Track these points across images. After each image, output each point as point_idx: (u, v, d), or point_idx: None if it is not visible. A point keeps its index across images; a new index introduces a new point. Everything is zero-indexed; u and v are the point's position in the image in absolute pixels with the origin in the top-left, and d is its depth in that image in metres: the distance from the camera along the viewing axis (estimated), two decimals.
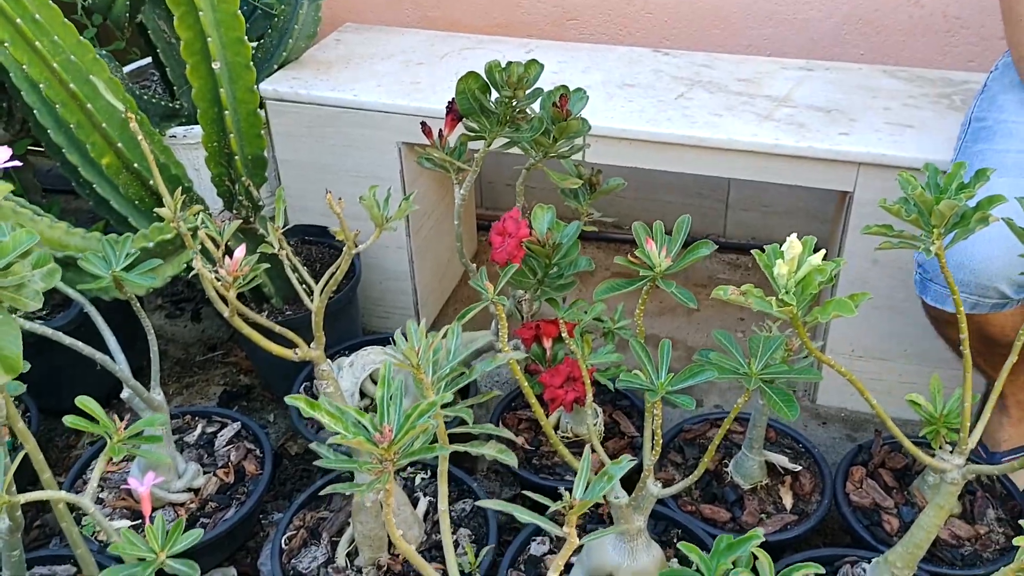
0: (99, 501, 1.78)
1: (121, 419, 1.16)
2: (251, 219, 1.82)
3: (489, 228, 1.49)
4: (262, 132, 1.72)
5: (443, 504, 1.13)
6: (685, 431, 1.83)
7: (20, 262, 0.84)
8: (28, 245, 0.82)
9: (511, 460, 1.01)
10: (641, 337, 1.31)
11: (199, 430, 1.90)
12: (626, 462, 0.89)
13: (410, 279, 2.27)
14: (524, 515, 0.89)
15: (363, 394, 1.96)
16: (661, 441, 1.32)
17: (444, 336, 1.10)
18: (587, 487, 0.85)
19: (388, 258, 2.25)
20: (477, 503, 1.51)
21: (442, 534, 1.11)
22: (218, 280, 1.28)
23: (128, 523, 1.72)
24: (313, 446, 1.41)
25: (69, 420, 1.08)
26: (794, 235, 1.11)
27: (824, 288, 1.14)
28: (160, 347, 2.30)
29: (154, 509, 1.77)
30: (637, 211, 2.56)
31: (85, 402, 1.08)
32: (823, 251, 1.14)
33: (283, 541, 1.65)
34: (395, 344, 1.13)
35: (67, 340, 1.43)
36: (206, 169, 1.78)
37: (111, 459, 1.10)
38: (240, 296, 2.17)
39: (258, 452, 1.85)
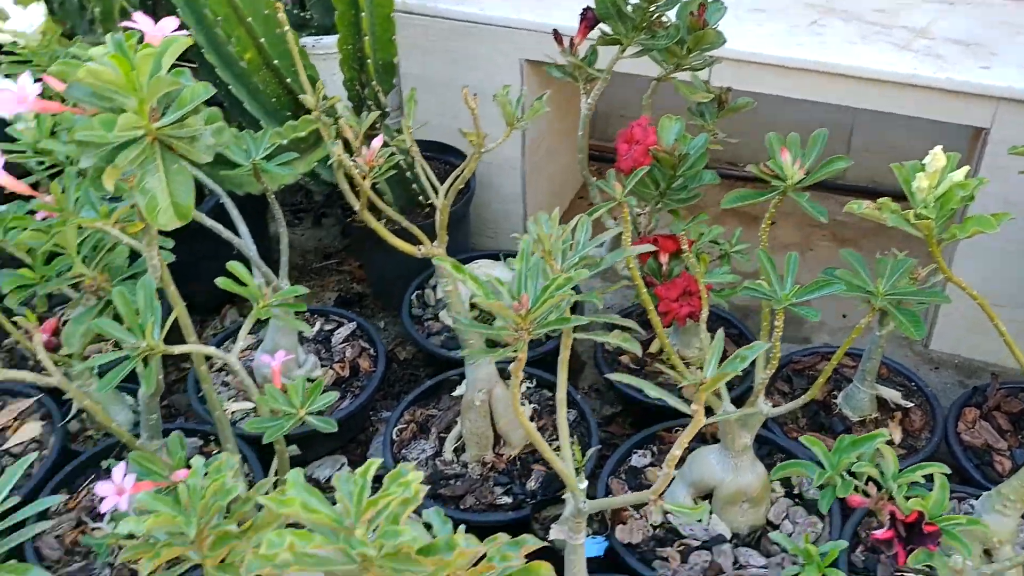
0: (224, 384, 1.89)
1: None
2: (376, 126, 1.87)
3: (597, 159, 1.50)
4: (394, 38, 1.76)
5: (561, 392, 1.16)
6: (794, 362, 1.82)
7: (194, 116, 0.90)
8: (205, 96, 0.87)
9: (635, 348, 1.03)
10: (765, 245, 1.30)
11: (317, 327, 1.98)
12: (758, 346, 0.90)
13: (521, 201, 2.30)
14: (653, 391, 0.91)
15: (472, 306, 2.01)
16: (779, 356, 1.32)
17: (574, 228, 1.12)
18: (719, 365, 0.87)
19: (501, 178, 2.27)
20: (606, 375, 1.56)
21: (558, 418, 1.14)
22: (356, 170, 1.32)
23: (250, 404, 1.81)
24: (449, 316, 1.46)
25: (221, 282, 1.14)
26: (939, 147, 1.08)
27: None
28: (275, 255, 2.40)
29: None
30: (753, 153, 2.52)
31: (235, 267, 1.15)
32: (967, 168, 1.11)
33: (394, 433, 1.73)
34: (506, 261, 1.16)
35: (208, 222, 1.51)
36: (332, 81, 1.83)
37: (257, 320, 1.16)
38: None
39: (372, 351, 1.92)
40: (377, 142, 1.32)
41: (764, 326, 1.38)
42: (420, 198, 2.11)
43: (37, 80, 1.02)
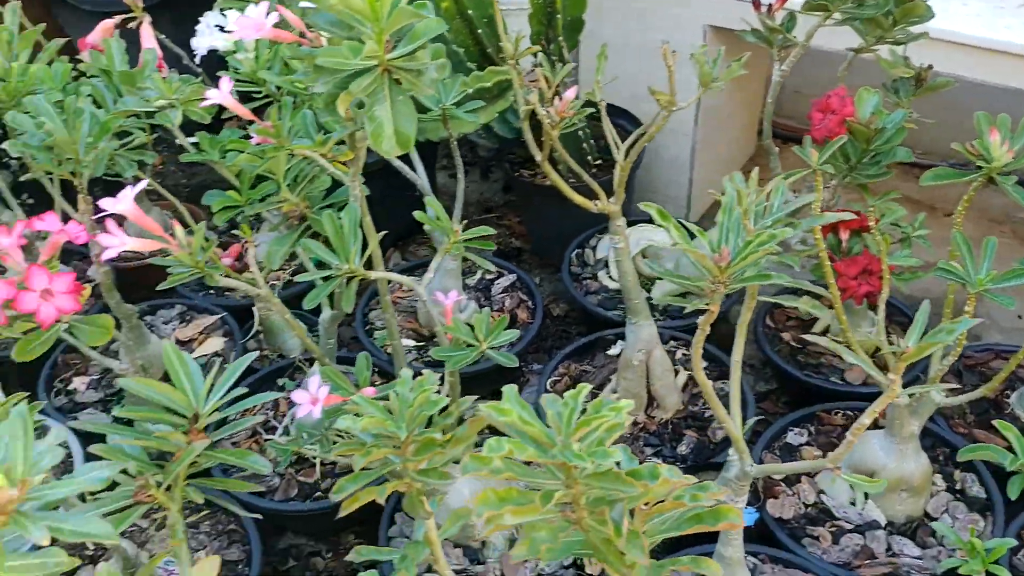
0: None
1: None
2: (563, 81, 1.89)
3: (774, 135, 1.47)
4: None
5: (737, 355, 1.16)
6: (966, 357, 1.75)
7: (422, 50, 0.94)
8: (438, 31, 0.91)
9: (823, 313, 1.02)
10: (959, 227, 1.26)
11: (479, 275, 2.04)
12: (966, 322, 0.88)
13: (688, 169, 2.28)
14: (850, 356, 0.90)
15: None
16: (963, 343, 1.28)
17: (769, 192, 1.11)
18: (921, 337, 0.86)
19: (670, 145, 2.26)
20: (803, 336, 1.55)
21: (731, 380, 1.15)
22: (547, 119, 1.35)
23: (413, 343, 1.89)
24: (608, 277, 1.48)
25: (419, 215, 1.20)
26: None
27: None
28: (442, 203, 2.47)
29: (433, 336, 1.94)
30: (931, 141, 2.41)
31: (432, 202, 1.20)
32: None
33: (548, 384, 1.77)
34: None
35: (397, 163, 1.57)
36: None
37: (448, 252, 1.21)
38: (530, 162, 2.27)
39: (530, 303, 1.97)
40: (571, 93, 1.34)
41: (946, 312, 1.34)
42: (588, 157, 2.13)
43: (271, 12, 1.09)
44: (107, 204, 1.08)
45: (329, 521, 1.70)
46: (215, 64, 1.68)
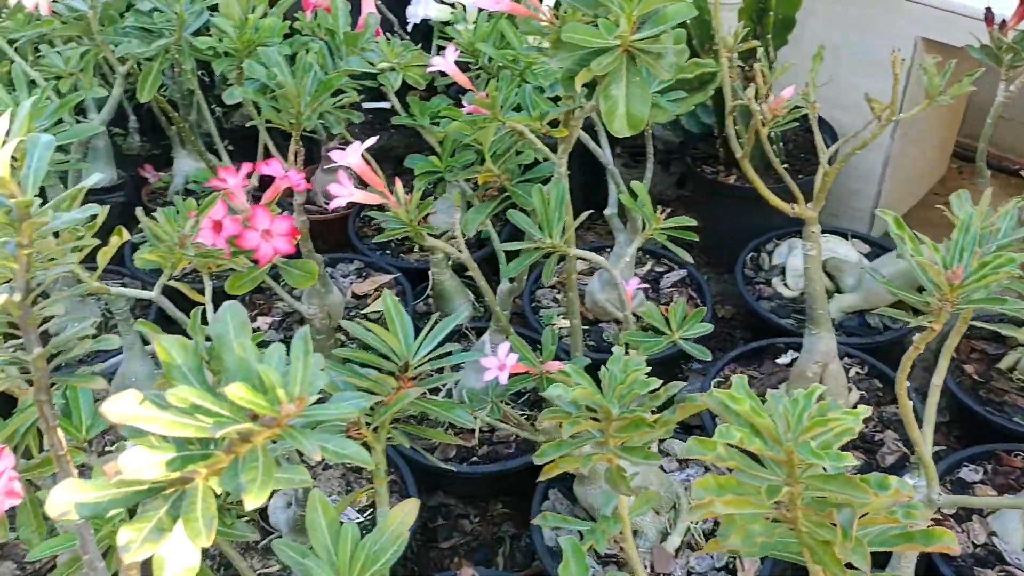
0: (554, 301, 2.00)
1: None
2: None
3: (963, 157, 1.39)
4: None
5: (938, 378, 1.12)
6: None
7: (665, 34, 0.95)
8: (687, 16, 0.92)
9: None
10: None
11: (648, 266, 2.04)
12: None
13: (877, 182, 2.20)
14: None
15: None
16: None
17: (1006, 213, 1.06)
18: None
19: (860, 157, 2.18)
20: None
21: (928, 404, 1.11)
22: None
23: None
24: (782, 284, 1.45)
25: (623, 198, 1.21)
26: None
27: None
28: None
29: (597, 321, 1.95)
30: None
31: (638, 186, 1.21)
32: None
33: (712, 384, 1.75)
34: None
35: (592, 144, 1.58)
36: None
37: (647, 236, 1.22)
38: (712, 158, 2.23)
39: (698, 301, 1.95)
40: (788, 92, 1.32)
41: None
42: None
43: None
44: (337, 156, 1.14)
45: (482, 486, 1.75)
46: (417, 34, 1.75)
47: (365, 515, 1.56)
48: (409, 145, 2.78)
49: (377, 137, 1.27)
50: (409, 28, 1.76)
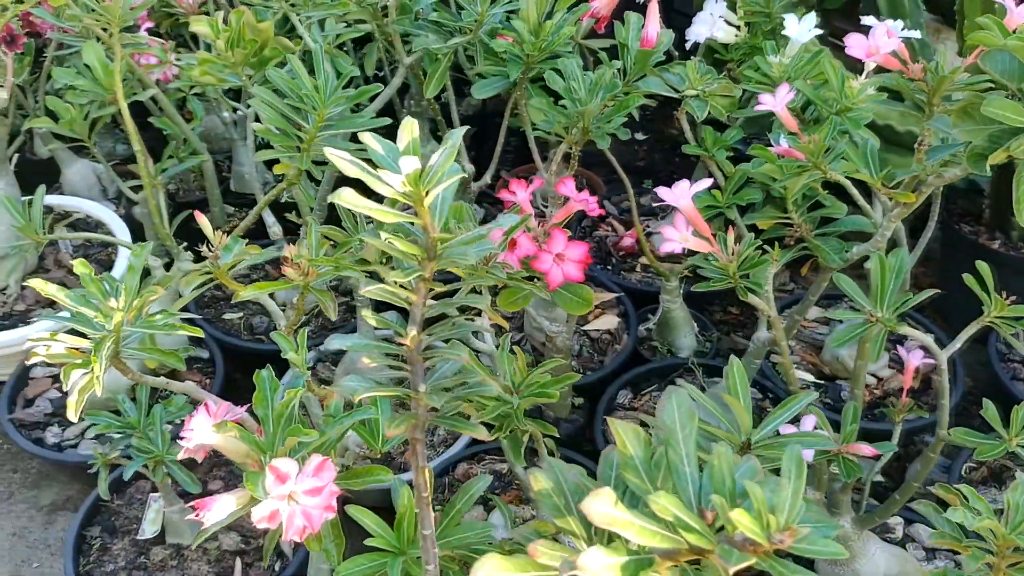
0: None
1: None
2: None
3: None
4: None
5: None
6: None
7: None
8: None
9: None
10: None
11: None
12: None
13: None
14: None
15: None
16: None
17: None
18: None
19: None
20: None
21: None
22: None
23: (811, 377, 1.81)
24: None
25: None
26: None
27: None
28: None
29: (835, 378, 1.83)
30: None
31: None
32: None
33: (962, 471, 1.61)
34: None
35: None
36: None
37: None
38: (972, 216, 2.06)
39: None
40: None
41: None
42: None
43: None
44: (666, 195, 1.07)
45: None
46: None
47: None
48: (652, 165, 2.70)
49: (710, 180, 1.19)
50: (688, 47, 1.68)
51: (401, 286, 0.70)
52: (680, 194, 1.06)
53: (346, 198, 0.67)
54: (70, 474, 1.81)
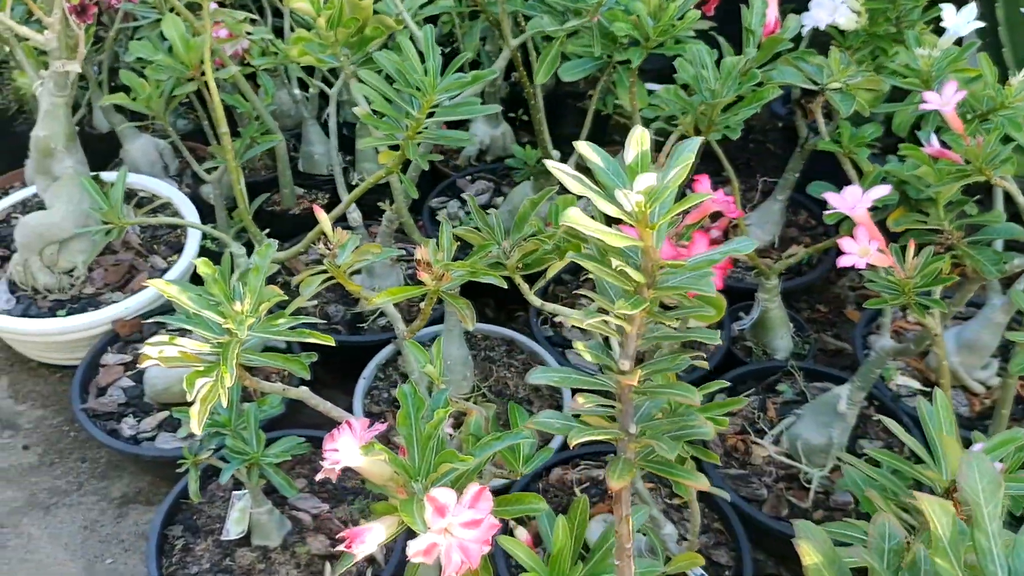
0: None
1: None
2: None
3: None
4: None
5: None
6: None
7: None
8: None
9: None
10: None
11: None
12: None
13: None
14: None
15: None
16: None
17: None
18: None
19: None
20: None
21: None
22: None
23: (918, 385, 1.72)
24: None
25: None
26: None
27: None
28: None
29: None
30: None
31: None
32: None
33: None
34: None
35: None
36: None
37: None
38: None
39: None
40: None
41: None
42: None
43: None
44: (838, 202, 0.99)
45: None
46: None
47: None
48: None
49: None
50: (804, 31, 1.58)
51: (618, 316, 0.62)
52: (854, 201, 0.97)
53: (574, 218, 0.59)
54: (140, 465, 1.75)
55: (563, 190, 1.22)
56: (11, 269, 1.88)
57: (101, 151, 2.27)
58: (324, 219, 1.12)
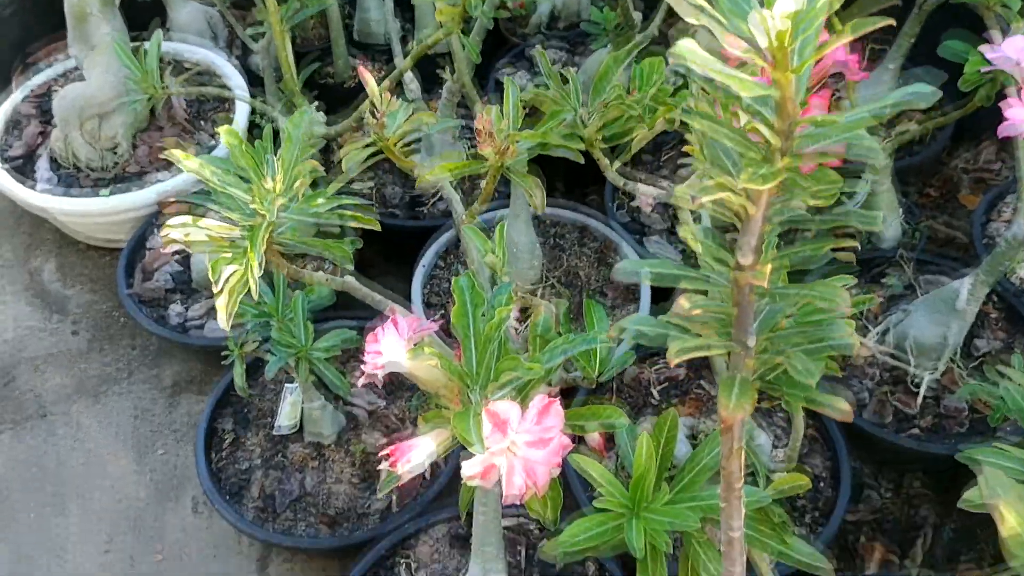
0: None
1: None
2: None
3: None
4: None
5: None
6: None
7: None
8: None
9: None
10: None
11: None
12: None
13: None
14: None
15: None
16: None
17: None
18: None
19: None
20: None
21: None
22: None
23: None
24: None
25: None
26: None
27: None
28: None
29: None
30: None
31: None
32: None
33: None
34: None
35: None
36: None
37: None
38: None
39: None
40: None
41: None
42: None
43: None
44: (995, 56, 0.79)
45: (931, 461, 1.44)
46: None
47: None
48: None
49: None
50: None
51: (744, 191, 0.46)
52: (1019, 54, 0.77)
53: (690, 51, 0.42)
54: (191, 352, 1.67)
55: (645, 53, 1.03)
56: (52, 145, 1.77)
57: (147, 20, 2.12)
58: (372, 83, 0.96)
